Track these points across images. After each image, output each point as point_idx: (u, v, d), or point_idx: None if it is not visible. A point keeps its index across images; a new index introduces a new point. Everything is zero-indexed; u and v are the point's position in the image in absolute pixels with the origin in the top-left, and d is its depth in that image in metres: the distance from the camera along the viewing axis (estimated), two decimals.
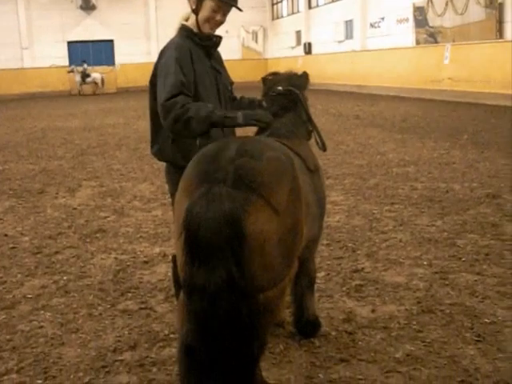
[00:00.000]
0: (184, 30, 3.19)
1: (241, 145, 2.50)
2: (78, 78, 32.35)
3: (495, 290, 4.08)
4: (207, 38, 3.18)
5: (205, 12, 3.10)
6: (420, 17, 22.76)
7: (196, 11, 3.11)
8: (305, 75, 3.65)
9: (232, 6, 3.19)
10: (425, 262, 4.66)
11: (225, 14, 3.16)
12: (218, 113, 2.95)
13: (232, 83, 3.50)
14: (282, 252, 2.39)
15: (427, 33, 22.44)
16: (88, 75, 32.50)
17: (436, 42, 20.93)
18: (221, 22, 3.17)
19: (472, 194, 6.79)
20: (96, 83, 32.82)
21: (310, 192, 2.92)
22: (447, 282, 4.25)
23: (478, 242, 5.12)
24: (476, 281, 4.26)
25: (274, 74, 3.72)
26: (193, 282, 2.16)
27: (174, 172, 3.14)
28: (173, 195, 3.18)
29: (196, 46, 3.15)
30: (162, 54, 3.15)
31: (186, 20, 3.23)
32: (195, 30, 3.16)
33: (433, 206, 6.36)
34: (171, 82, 2.94)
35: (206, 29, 3.15)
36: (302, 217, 2.56)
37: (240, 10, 3.27)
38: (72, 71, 32.32)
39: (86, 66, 32.84)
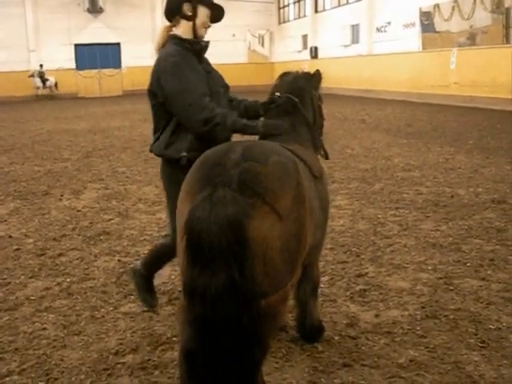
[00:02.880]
0: (173, 39, 3.41)
1: (246, 148, 2.47)
2: (38, 82, 32.27)
3: (500, 295, 4.06)
4: (197, 43, 3.42)
5: (201, 18, 3.39)
6: (426, 21, 22.73)
7: (192, 18, 3.37)
8: (315, 74, 3.66)
9: (220, 15, 3.52)
10: (429, 267, 4.64)
11: (209, 20, 3.48)
12: (240, 121, 3.22)
13: (228, 87, 3.62)
14: (285, 258, 2.37)
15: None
16: (47, 79, 32.54)
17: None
18: (209, 26, 3.47)
19: (477, 199, 6.76)
20: (51, 87, 32.84)
21: (314, 198, 2.89)
22: (452, 288, 4.22)
23: (482, 247, 5.09)
24: (481, 286, 4.23)
25: (285, 74, 3.73)
26: (194, 285, 2.13)
27: (167, 167, 3.44)
28: (166, 191, 3.49)
29: (188, 52, 3.37)
30: (160, 60, 3.35)
31: (170, 30, 3.47)
32: (186, 36, 3.40)
33: (438, 210, 6.34)
34: (195, 87, 3.21)
35: (202, 32, 3.43)
36: (307, 223, 2.53)
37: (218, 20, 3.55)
38: (32, 75, 32.19)
39: (42, 69, 32.73)
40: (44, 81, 32.41)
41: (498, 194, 6.97)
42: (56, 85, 32.76)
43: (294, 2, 37.60)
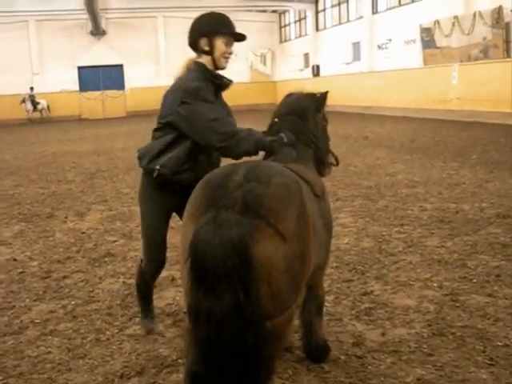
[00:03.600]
0: (198, 66, 3.45)
1: (249, 170, 2.48)
2: (29, 105, 32.01)
3: (507, 311, 4.03)
4: (218, 78, 3.46)
5: (220, 50, 3.41)
6: (427, 38, 22.85)
7: (210, 52, 3.41)
8: (320, 95, 3.66)
9: (240, 38, 3.54)
10: (435, 284, 4.61)
11: (232, 45, 3.50)
12: (267, 138, 3.29)
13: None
14: (290, 279, 2.37)
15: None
16: (38, 102, 32.33)
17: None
18: (230, 53, 3.49)
19: (482, 214, 6.74)
20: (42, 110, 32.63)
21: (317, 217, 2.88)
22: (458, 304, 4.19)
23: (488, 262, 5.07)
24: (487, 303, 4.20)
25: (289, 95, 3.75)
26: (198, 308, 2.13)
27: (142, 181, 3.61)
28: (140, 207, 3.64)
29: (209, 83, 3.42)
30: (180, 81, 3.41)
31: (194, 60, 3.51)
32: (209, 67, 3.45)
33: (442, 226, 6.31)
34: (218, 108, 3.31)
35: (222, 63, 3.46)
36: (310, 243, 2.54)
37: (243, 40, 3.58)
38: (23, 101, 31.93)
39: (33, 92, 32.49)
40: (35, 104, 32.20)
41: (503, 208, 6.95)
42: (48, 107, 32.61)
43: (295, 21, 37.89)
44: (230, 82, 3.50)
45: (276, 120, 3.51)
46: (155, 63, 37.86)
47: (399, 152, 12.45)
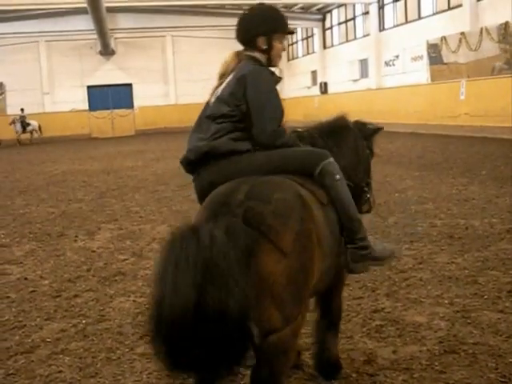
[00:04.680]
0: (256, 60, 3.30)
1: (251, 187, 2.57)
2: (18, 127, 31.60)
3: None
4: (275, 74, 3.33)
5: (277, 48, 3.33)
6: (434, 54, 22.94)
7: (268, 50, 3.30)
8: (374, 126, 3.73)
9: (292, 32, 3.61)
10: (446, 301, 4.59)
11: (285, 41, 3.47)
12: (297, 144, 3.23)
13: None
14: (293, 292, 2.42)
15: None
16: (28, 123, 31.90)
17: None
18: (284, 50, 3.46)
19: (492, 230, 6.71)
20: (33, 131, 32.22)
21: (324, 226, 2.87)
22: (469, 321, 4.17)
23: (499, 278, 5.04)
24: (499, 319, 4.18)
25: (342, 116, 3.74)
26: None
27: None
28: None
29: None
30: (253, 71, 3.18)
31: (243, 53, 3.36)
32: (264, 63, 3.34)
33: (453, 243, 6.29)
34: (279, 111, 3.14)
35: (277, 62, 3.40)
36: (314, 256, 2.58)
37: (292, 34, 3.73)
38: (13, 122, 31.58)
39: (23, 113, 32.10)
40: (25, 126, 31.78)
41: None
42: (40, 128, 32.23)
43: (303, 39, 38.16)
44: (281, 78, 3.44)
45: (316, 135, 3.45)
46: (164, 82, 38.21)
47: (408, 168, 12.44)
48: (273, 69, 3.35)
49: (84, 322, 4.64)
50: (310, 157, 3.14)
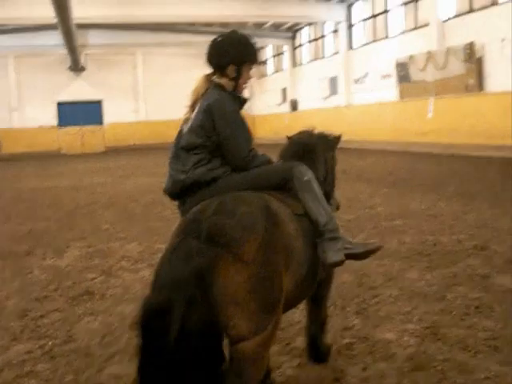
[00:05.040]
0: (220, 89, 3.46)
1: (220, 203, 2.75)
2: None
3: (487, 344, 4.04)
4: (240, 99, 3.54)
5: (244, 76, 3.52)
6: (402, 72, 23.31)
7: (236, 78, 3.48)
8: (334, 137, 4.09)
9: (261, 63, 3.84)
10: (415, 317, 4.62)
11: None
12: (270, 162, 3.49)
13: None
14: (259, 300, 2.53)
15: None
16: None
17: None
18: (250, 79, 3.62)
19: (460, 246, 6.80)
20: None
21: (297, 237, 2.98)
22: (438, 337, 4.20)
23: (467, 294, 5.10)
24: (467, 335, 4.22)
25: (302, 132, 4.04)
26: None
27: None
28: None
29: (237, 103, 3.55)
30: (217, 103, 3.34)
31: (210, 78, 3.53)
32: (228, 88, 3.51)
33: (421, 259, 6.36)
34: (247, 137, 3.38)
35: (242, 89, 3.57)
36: (279, 265, 2.69)
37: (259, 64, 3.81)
38: None
39: None
40: None
41: (480, 239, 7.03)
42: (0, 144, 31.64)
43: (273, 56, 38.45)
44: (247, 99, 3.60)
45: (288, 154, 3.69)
46: (134, 99, 38.09)
47: (378, 185, 12.57)
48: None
49: (51, 342, 4.55)
50: (282, 169, 3.39)
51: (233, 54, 3.41)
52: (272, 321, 2.60)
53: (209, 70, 3.55)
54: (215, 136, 3.29)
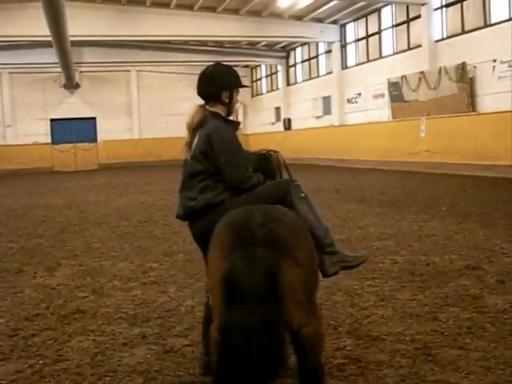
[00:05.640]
0: (217, 115, 3.90)
1: (264, 212, 3.18)
2: None
3: (479, 364, 4.03)
4: (235, 123, 4.07)
5: (235, 99, 4.00)
6: (395, 92, 23.50)
7: (229, 103, 3.93)
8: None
9: (246, 86, 4.46)
10: (407, 338, 4.61)
11: None
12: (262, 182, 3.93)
13: None
14: (310, 294, 3.12)
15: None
16: None
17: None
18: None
19: (452, 266, 6.81)
20: None
21: None
22: (430, 358, 4.19)
23: (459, 315, 5.10)
24: (459, 356, 4.21)
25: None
26: (232, 324, 2.74)
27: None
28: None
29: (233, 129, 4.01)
30: (215, 131, 3.77)
31: (205, 108, 3.94)
32: (223, 114, 3.97)
33: (414, 279, 6.36)
34: (243, 160, 3.81)
35: (233, 111, 4.02)
36: (316, 265, 3.31)
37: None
38: None
39: None
40: None
41: (473, 260, 7.04)
42: None
43: (267, 76, 38.70)
44: (239, 122, 4.20)
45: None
46: (128, 116, 38.15)
47: (370, 204, 12.60)
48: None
49: (41, 362, 4.51)
50: (280, 186, 3.83)
51: (224, 81, 3.88)
52: (318, 308, 3.29)
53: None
54: (215, 161, 3.70)
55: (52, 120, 36.65)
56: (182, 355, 4.40)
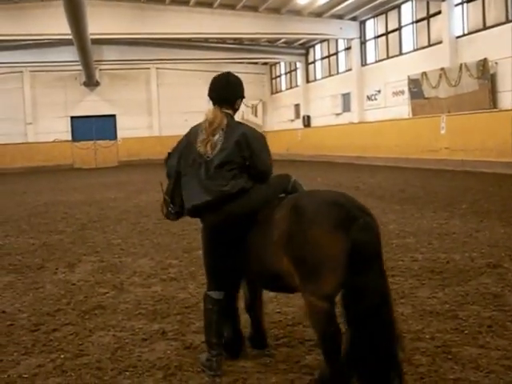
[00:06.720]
0: (234, 119, 4.25)
1: (343, 194, 3.85)
2: None
3: (500, 363, 4.00)
4: None
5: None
6: (415, 89, 23.31)
7: (238, 109, 4.32)
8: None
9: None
10: (427, 336, 4.59)
11: None
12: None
13: None
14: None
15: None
16: None
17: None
18: None
19: (473, 264, 6.76)
20: None
21: None
22: (450, 356, 4.17)
23: (480, 313, 5.06)
24: (480, 354, 4.18)
25: None
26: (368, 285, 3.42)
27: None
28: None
29: None
30: (250, 130, 4.21)
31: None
32: None
33: (433, 277, 6.32)
34: (269, 154, 4.25)
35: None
36: None
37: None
38: None
39: None
40: None
41: (494, 258, 6.98)
42: None
43: (286, 73, 38.60)
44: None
45: None
46: (148, 114, 38.33)
47: (390, 202, 12.54)
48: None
49: (62, 356, 4.56)
50: (284, 179, 4.32)
51: (240, 90, 4.28)
52: None
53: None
54: (248, 153, 4.06)
55: (72, 117, 36.96)
56: (201, 351, 4.42)
